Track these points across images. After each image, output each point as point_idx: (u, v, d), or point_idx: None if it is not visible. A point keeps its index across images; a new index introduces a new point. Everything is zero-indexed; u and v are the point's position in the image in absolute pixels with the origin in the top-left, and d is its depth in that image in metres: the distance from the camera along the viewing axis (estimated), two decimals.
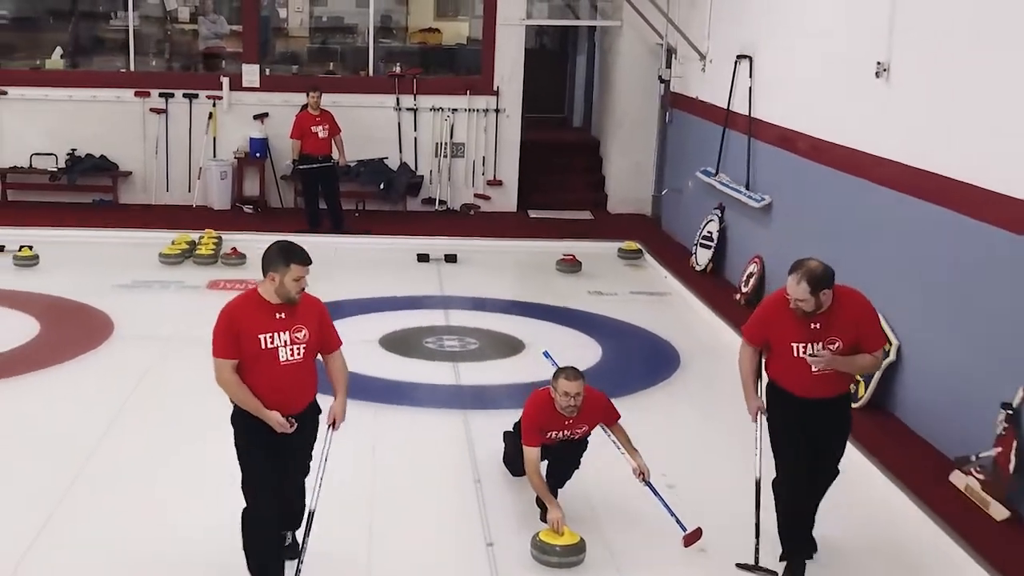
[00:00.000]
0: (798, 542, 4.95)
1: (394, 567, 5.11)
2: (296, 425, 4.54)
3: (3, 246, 10.83)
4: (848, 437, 5.08)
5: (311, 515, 4.72)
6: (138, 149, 12.96)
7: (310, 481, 4.80)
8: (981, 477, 5.54)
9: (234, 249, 10.74)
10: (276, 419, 4.48)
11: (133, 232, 11.57)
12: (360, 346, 7.57)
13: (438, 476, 6.09)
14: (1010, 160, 5.68)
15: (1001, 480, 5.40)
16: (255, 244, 10.89)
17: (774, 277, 8.85)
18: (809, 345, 4.70)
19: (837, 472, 5.02)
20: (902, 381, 6.66)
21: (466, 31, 15.11)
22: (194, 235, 11.15)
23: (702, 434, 6.86)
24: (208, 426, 5.57)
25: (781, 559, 4.98)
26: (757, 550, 5.00)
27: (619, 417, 5.48)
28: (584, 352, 8.14)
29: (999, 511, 5.35)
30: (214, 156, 12.93)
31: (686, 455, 6.39)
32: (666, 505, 5.30)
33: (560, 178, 13.88)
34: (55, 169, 12.80)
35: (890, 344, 6.58)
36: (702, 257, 10.39)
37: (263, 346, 4.48)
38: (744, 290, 9.27)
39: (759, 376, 5.04)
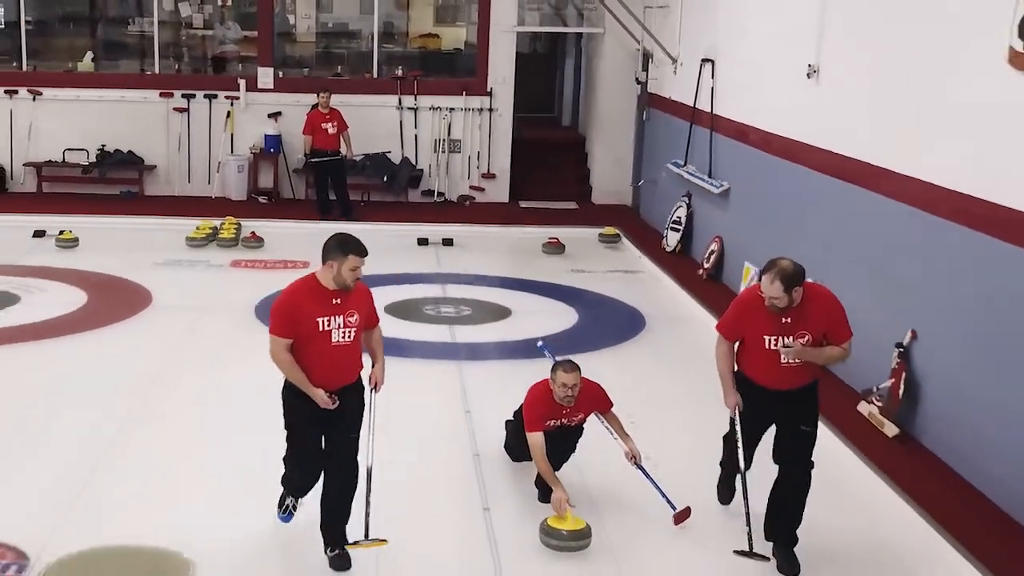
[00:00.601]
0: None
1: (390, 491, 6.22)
2: (338, 402, 4.94)
3: (44, 231, 12.03)
4: (817, 426, 5.26)
5: (369, 472, 5.13)
6: (162, 145, 14.16)
7: (363, 443, 5.17)
8: (879, 404, 6.75)
9: (253, 233, 11.94)
10: (321, 396, 4.89)
11: (160, 219, 12.76)
12: None
13: (436, 412, 7.27)
14: (916, 146, 6.88)
15: (893, 405, 6.61)
16: (271, 229, 12.24)
17: (732, 254, 10.07)
18: (780, 338, 4.99)
19: (811, 462, 5.19)
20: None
21: (463, 36, 16.26)
22: (216, 221, 12.35)
23: (660, 381, 8.04)
24: (235, 379, 7.08)
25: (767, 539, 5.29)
26: (750, 537, 5.22)
27: (612, 405, 5.85)
28: (563, 317, 9.40)
29: (891, 429, 6.57)
30: (232, 151, 14.13)
31: (647, 398, 7.53)
32: (657, 486, 5.68)
33: (549, 172, 15.08)
34: (87, 163, 14.01)
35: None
36: (672, 239, 11.61)
37: (320, 328, 4.86)
38: (706, 266, 10.49)
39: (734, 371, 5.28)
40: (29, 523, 5.45)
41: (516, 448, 6.13)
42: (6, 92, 13.97)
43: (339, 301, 4.90)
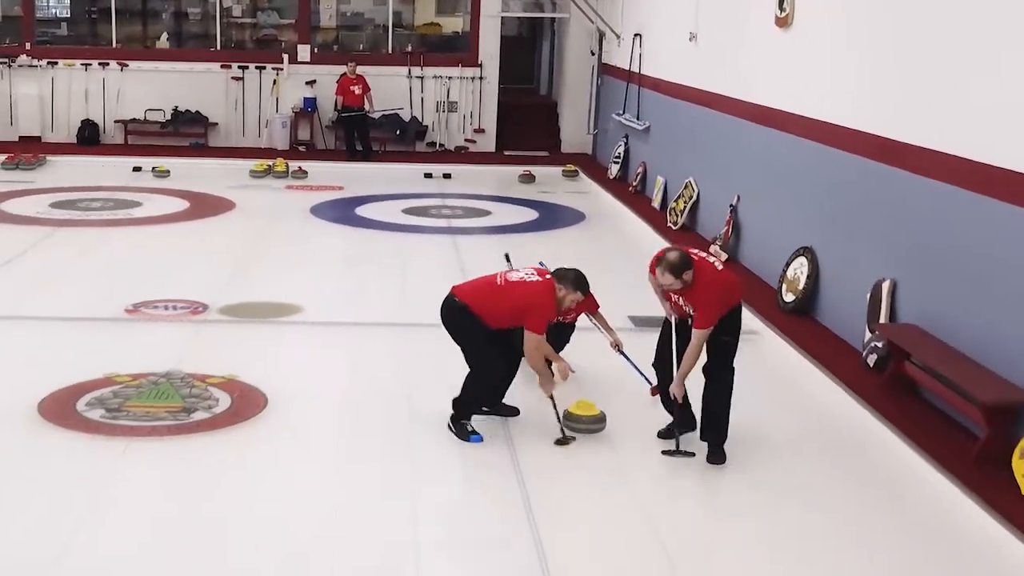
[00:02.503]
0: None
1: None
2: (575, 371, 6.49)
3: (140, 167, 15.91)
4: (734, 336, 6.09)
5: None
6: (222, 106, 18.01)
7: None
8: (719, 244, 10.63)
9: (300, 167, 15.83)
10: (565, 368, 6.33)
11: (226, 160, 16.64)
12: (393, 212, 12.85)
13: (434, 266, 11.11)
14: (744, 81, 10.72)
15: (725, 241, 10.50)
16: (311, 167, 16.05)
17: (651, 173, 13.92)
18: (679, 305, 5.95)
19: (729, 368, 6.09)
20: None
21: (459, 25, 20.05)
22: (269, 161, 16.20)
23: (591, 250, 11.86)
24: (303, 250, 10.94)
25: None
26: (677, 439, 6.09)
27: (599, 307, 6.64)
28: (527, 215, 13.31)
29: (723, 255, 10.44)
30: (277, 111, 17.97)
31: (583, 264, 11.34)
32: (636, 367, 6.54)
33: (528, 128, 18.87)
34: (163, 120, 17.88)
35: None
36: (614, 170, 15.51)
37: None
38: (634, 184, 14.37)
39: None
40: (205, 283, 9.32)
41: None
42: (100, 64, 17.84)
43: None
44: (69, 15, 19.37)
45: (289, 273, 10.25)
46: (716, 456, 5.99)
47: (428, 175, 16.11)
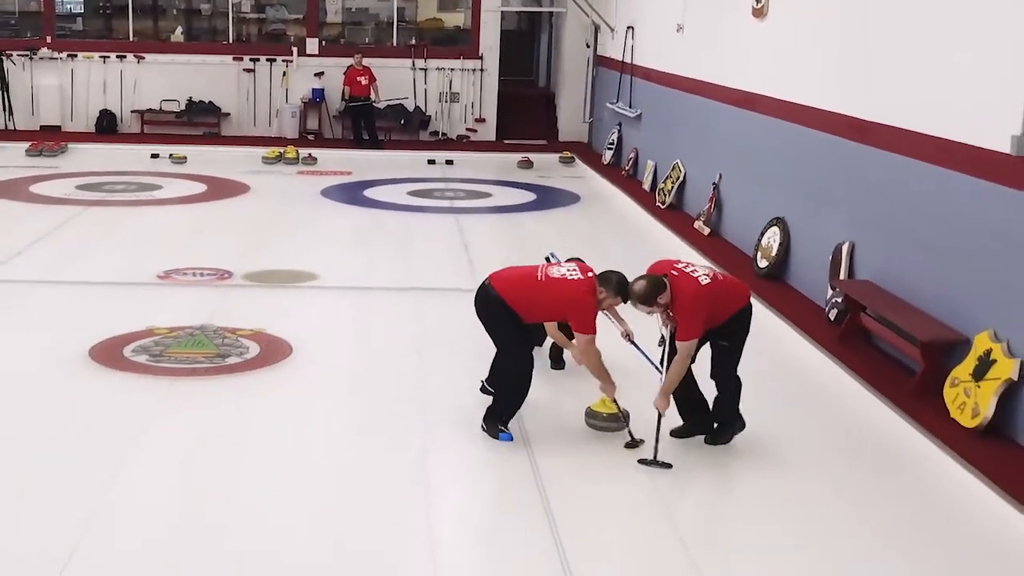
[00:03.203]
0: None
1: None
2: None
3: (158, 154, 16.75)
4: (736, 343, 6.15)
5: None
6: (234, 97, 18.83)
7: None
8: (703, 220, 11.46)
9: (310, 154, 16.66)
10: (612, 392, 6.10)
11: (239, 148, 17.47)
12: (399, 194, 13.70)
13: (439, 241, 11.93)
14: (733, 69, 11.55)
15: (707, 216, 11.33)
16: (319, 154, 16.85)
17: (642, 158, 14.74)
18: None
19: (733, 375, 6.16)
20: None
21: (460, 20, 20.88)
22: (279, 149, 17.02)
23: (585, 228, 12.70)
24: (317, 225, 11.58)
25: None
26: (656, 449, 5.87)
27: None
28: (525, 197, 14.13)
29: (705, 229, 11.26)
30: (287, 101, 18.79)
31: (577, 241, 12.20)
32: (647, 357, 6.48)
33: (527, 118, 19.69)
34: (178, 110, 18.71)
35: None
36: (608, 156, 16.34)
37: None
38: (626, 168, 15.20)
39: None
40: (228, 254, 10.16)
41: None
42: (117, 57, 18.66)
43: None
44: (82, 10, 20.21)
45: (304, 246, 11.09)
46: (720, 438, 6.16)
47: (431, 161, 16.93)
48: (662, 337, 6.09)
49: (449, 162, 16.95)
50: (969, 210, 6.77)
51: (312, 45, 18.91)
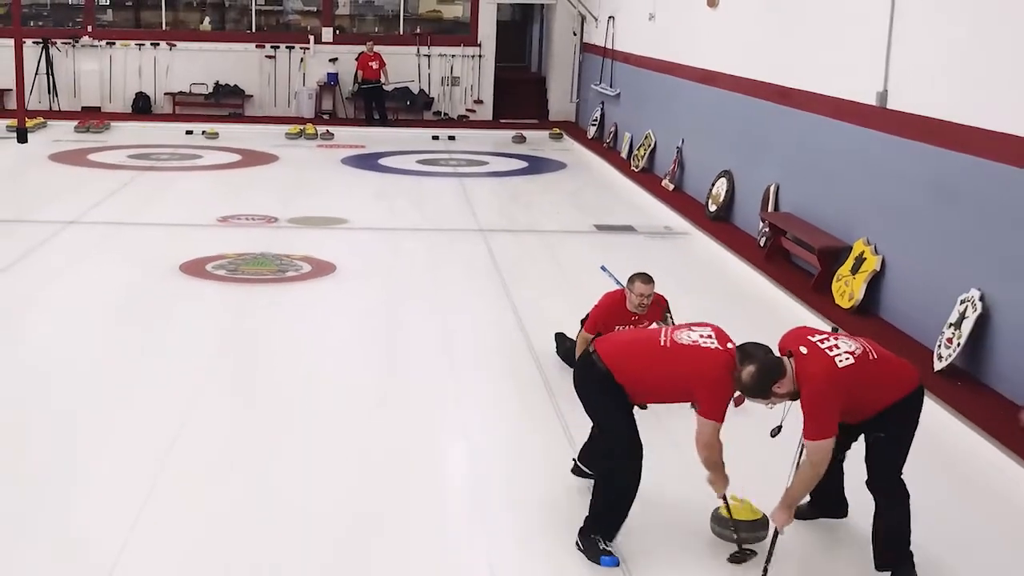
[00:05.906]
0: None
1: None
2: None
3: (192, 130, 18.83)
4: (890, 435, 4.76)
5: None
6: (256, 81, 20.89)
7: None
8: (670, 179, 13.58)
9: (327, 130, 18.77)
10: (723, 489, 4.71)
11: (261, 126, 19.56)
12: (410, 162, 15.84)
13: (446, 197, 14.01)
14: (692, 49, 13.66)
15: (672, 176, 13.47)
16: (335, 131, 18.94)
17: (621, 132, 16.86)
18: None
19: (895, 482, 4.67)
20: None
21: (459, 11, 22.94)
22: (300, 126, 19.09)
23: (570, 186, 14.81)
24: (340, 187, 13.72)
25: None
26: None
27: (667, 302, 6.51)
28: (519, 164, 16.27)
29: (670, 185, 13.39)
30: (304, 84, 20.87)
31: (563, 195, 14.29)
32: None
33: (520, 99, 21.78)
34: (207, 93, 20.79)
35: None
36: (591, 131, 18.47)
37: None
38: (607, 141, 17.33)
39: None
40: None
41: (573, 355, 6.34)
42: (151, 44, 20.75)
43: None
44: (108, 2, 22.26)
45: (334, 200, 13.19)
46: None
47: (435, 137, 19.02)
48: (778, 427, 4.71)
49: (451, 138, 19.04)
50: (852, 150, 8.91)
51: (327, 34, 20.99)
